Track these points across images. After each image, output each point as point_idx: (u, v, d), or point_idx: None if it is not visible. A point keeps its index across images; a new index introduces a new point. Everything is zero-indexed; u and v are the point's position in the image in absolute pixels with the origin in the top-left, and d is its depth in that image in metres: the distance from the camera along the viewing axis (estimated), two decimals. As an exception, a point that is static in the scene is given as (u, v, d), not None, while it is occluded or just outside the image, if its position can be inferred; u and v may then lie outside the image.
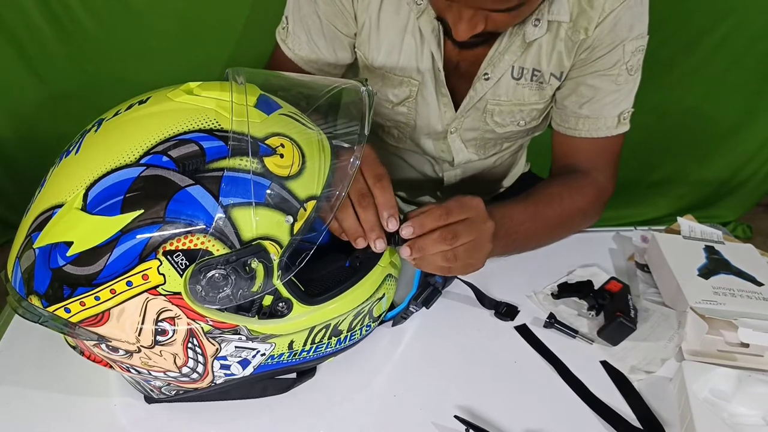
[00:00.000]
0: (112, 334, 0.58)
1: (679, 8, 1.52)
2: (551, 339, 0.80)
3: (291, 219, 0.59)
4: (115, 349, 0.60)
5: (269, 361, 0.65)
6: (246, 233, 0.57)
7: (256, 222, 0.57)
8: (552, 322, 0.81)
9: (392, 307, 0.79)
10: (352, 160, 0.62)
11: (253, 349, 0.63)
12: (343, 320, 0.68)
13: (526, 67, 0.92)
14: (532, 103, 0.96)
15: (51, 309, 0.58)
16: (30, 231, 0.58)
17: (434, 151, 1.05)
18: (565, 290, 0.86)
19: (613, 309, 0.80)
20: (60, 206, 0.57)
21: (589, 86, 0.92)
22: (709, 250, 0.90)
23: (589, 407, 0.71)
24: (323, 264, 0.69)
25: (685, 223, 0.97)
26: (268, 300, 0.62)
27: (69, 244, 0.56)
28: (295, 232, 0.60)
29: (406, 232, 0.70)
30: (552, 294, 0.86)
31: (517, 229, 0.84)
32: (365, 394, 0.72)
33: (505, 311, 0.83)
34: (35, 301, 0.58)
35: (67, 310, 0.57)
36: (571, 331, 0.80)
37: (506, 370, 0.76)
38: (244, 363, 0.64)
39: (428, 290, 0.79)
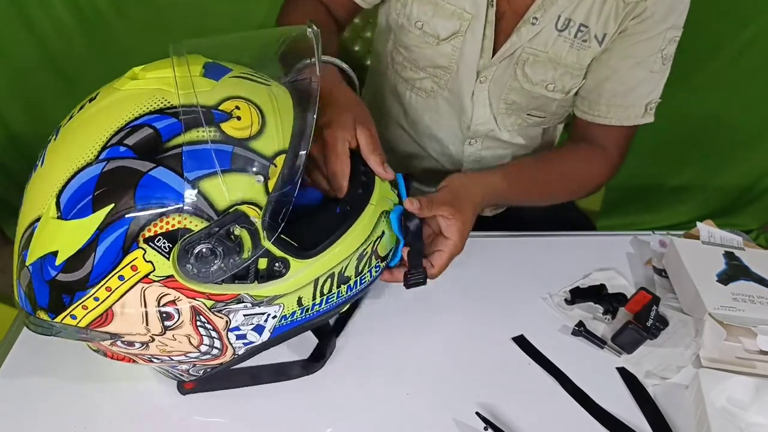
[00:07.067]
0: (121, 329, 0.60)
1: (702, 12, 1.45)
2: (564, 343, 0.79)
3: (262, 178, 0.58)
4: (131, 344, 0.62)
5: (283, 322, 0.65)
6: (220, 203, 0.57)
7: (226, 189, 0.56)
8: (581, 330, 0.79)
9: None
10: (312, 89, 0.61)
11: (263, 314, 0.63)
12: (347, 266, 0.67)
13: (573, 20, 0.90)
14: (567, 65, 0.93)
15: (58, 319, 0.59)
16: (20, 250, 0.59)
17: (468, 104, 1.01)
18: (577, 296, 0.84)
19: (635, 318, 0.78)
20: (38, 220, 0.57)
21: (626, 73, 0.93)
22: (729, 256, 0.88)
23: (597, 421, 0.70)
24: (314, 214, 0.68)
25: (705, 228, 0.94)
26: (263, 263, 0.61)
27: (55, 254, 0.56)
28: (270, 190, 0.59)
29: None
30: (565, 300, 0.84)
31: (509, 194, 0.89)
32: (382, 386, 0.73)
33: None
34: (43, 315, 0.60)
35: (73, 317, 0.58)
36: (599, 342, 0.78)
37: (523, 372, 0.76)
38: (259, 329, 0.64)
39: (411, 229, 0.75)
